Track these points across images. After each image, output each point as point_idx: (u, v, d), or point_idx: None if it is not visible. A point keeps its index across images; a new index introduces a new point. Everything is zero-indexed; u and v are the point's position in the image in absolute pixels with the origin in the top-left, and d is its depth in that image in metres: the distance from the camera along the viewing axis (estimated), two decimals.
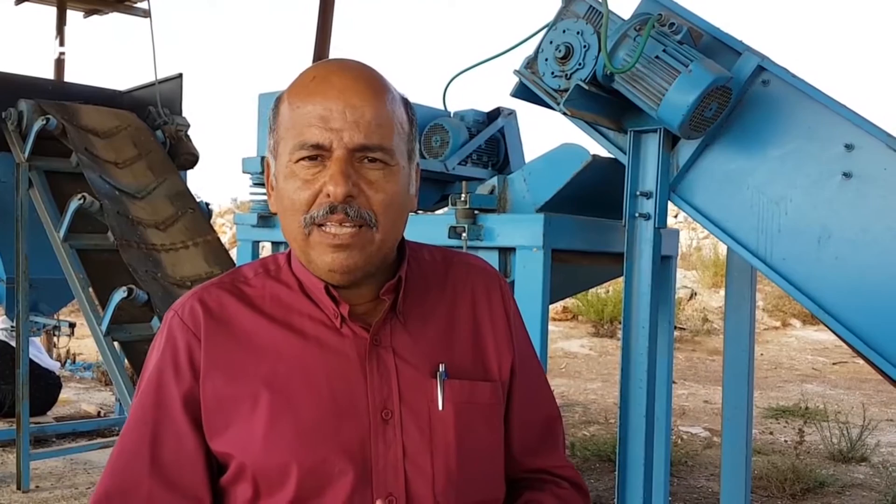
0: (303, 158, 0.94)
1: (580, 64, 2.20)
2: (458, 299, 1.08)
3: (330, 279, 0.98)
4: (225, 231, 14.13)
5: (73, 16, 7.57)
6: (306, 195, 0.94)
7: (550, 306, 2.52)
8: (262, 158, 3.09)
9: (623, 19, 2.17)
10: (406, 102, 1.02)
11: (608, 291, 10.28)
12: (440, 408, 0.99)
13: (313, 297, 1.01)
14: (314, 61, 5.86)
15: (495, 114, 3.41)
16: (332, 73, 0.97)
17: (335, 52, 6.01)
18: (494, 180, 2.57)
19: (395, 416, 0.98)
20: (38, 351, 5.43)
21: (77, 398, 6.44)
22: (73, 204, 3.57)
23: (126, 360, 3.52)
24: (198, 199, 4.15)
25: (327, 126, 0.93)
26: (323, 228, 0.94)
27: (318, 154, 0.94)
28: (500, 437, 1.07)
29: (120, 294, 3.24)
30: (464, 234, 2.46)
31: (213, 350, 0.99)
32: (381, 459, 0.96)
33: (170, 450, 0.98)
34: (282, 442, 0.95)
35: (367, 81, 0.97)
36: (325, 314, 1.01)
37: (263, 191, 3.13)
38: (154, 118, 4.56)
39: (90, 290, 3.56)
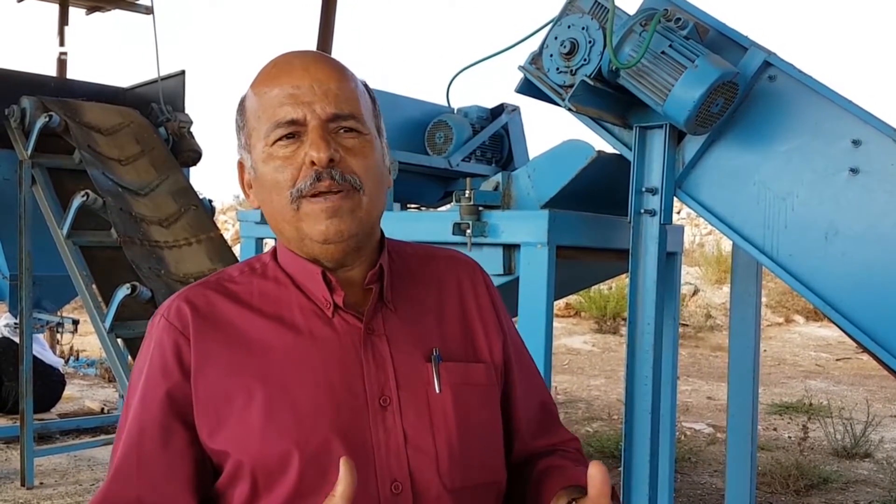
0: (279, 139, 0.96)
1: (585, 59, 2.19)
2: (444, 288, 1.10)
3: (324, 253, 0.98)
4: (228, 228, 14.15)
5: (76, 13, 7.57)
6: (289, 172, 0.96)
7: (554, 303, 2.51)
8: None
9: (628, 14, 2.16)
10: (366, 86, 1.05)
11: (611, 288, 10.28)
12: (437, 391, 1.00)
13: (304, 288, 1.01)
14: None
15: (499, 110, 3.40)
16: (293, 57, 1.00)
17: (338, 49, 6.00)
18: (499, 177, 2.57)
19: (394, 402, 0.98)
20: (41, 348, 5.44)
21: (80, 395, 6.45)
22: (77, 201, 3.57)
23: (129, 357, 3.52)
24: (200, 196, 4.15)
25: (298, 101, 0.95)
26: (312, 199, 0.95)
27: (293, 131, 0.95)
28: (498, 418, 1.07)
29: (123, 291, 3.24)
30: (468, 231, 2.45)
31: (203, 348, 0.98)
32: (382, 446, 0.96)
33: (157, 453, 0.97)
34: (281, 430, 0.94)
35: (328, 60, 1.00)
36: (315, 305, 1.00)
37: None
38: (157, 115, 4.55)
39: (93, 286, 3.57)
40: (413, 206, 3.42)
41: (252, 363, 0.97)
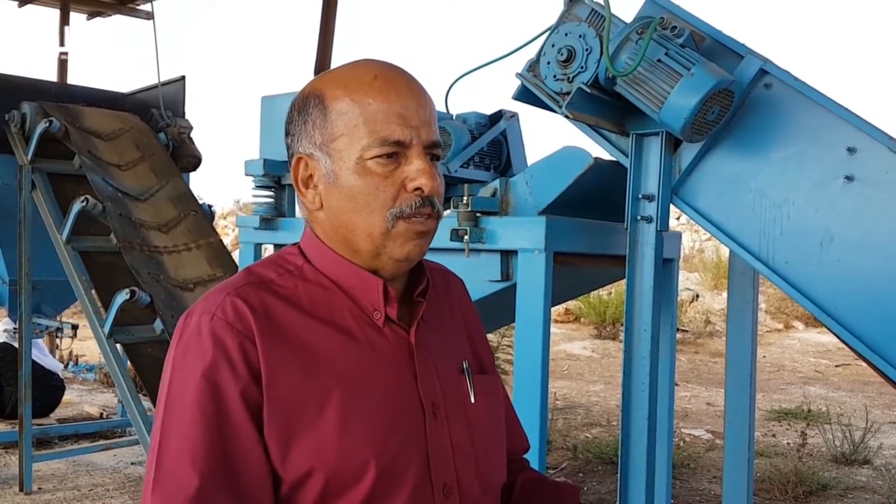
0: (380, 155, 0.96)
1: (582, 67, 2.20)
2: (448, 302, 1.14)
3: (395, 269, 1.01)
4: (227, 233, 14.15)
5: (77, 18, 7.58)
6: (391, 191, 0.96)
7: (552, 308, 2.52)
8: (266, 160, 3.10)
9: (625, 22, 2.17)
10: None
11: (610, 293, 10.28)
12: (473, 400, 1.06)
13: (351, 295, 1.00)
14: (317, 64, 5.86)
15: (497, 116, 3.40)
16: (391, 72, 1.00)
17: (337, 54, 6.01)
18: (496, 183, 2.57)
19: (441, 410, 1.02)
20: (40, 352, 5.44)
21: (79, 400, 6.45)
22: (76, 206, 3.58)
23: (128, 362, 3.53)
24: (200, 202, 4.16)
25: (407, 123, 0.96)
26: (411, 219, 0.97)
27: (396, 151, 0.96)
28: (505, 424, 1.15)
29: (122, 296, 3.25)
30: (466, 237, 2.46)
31: (272, 352, 0.93)
32: (435, 452, 1.00)
33: (244, 464, 0.91)
34: (359, 439, 0.94)
35: (418, 81, 1.02)
36: (364, 313, 1.00)
37: (266, 193, 3.14)
38: (157, 120, 4.57)
39: (93, 291, 3.58)
40: None
41: (321, 368, 0.95)
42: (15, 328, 4.88)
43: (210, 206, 4.32)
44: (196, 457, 0.89)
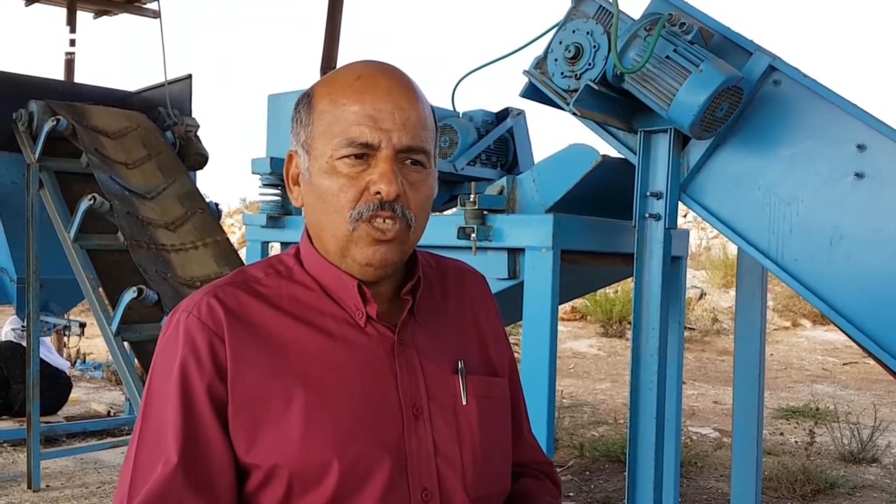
0: (348, 156, 0.96)
1: (590, 64, 2.19)
2: (459, 301, 1.12)
3: (362, 274, 0.99)
4: (234, 231, 14.17)
5: (83, 17, 7.61)
6: (352, 192, 0.96)
7: (559, 306, 2.51)
8: (272, 159, 3.10)
9: (633, 19, 2.17)
10: (432, 108, 1.05)
11: (617, 291, 10.27)
12: (464, 402, 1.02)
13: (334, 296, 1.01)
14: (323, 62, 5.87)
15: (504, 114, 3.40)
16: (377, 73, 0.99)
17: (344, 52, 6.01)
18: (503, 181, 2.57)
19: (425, 411, 0.99)
20: (48, 351, 5.45)
21: (87, 398, 6.47)
22: (84, 204, 3.59)
23: (136, 360, 3.54)
24: (207, 200, 4.16)
25: (377, 126, 0.95)
26: (371, 223, 0.96)
27: (364, 153, 0.96)
28: (510, 430, 1.11)
29: (130, 294, 3.26)
30: (473, 235, 2.46)
31: (240, 349, 0.96)
32: (414, 454, 0.97)
33: (203, 456, 0.93)
34: (322, 439, 0.94)
35: (410, 85, 1.00)
36: (346, 313, 1.01)
37: (273, 191, 3.15)
38: (164, 119, 4.57)
39: (100, 290, 3.58)
40: None
41: (289, 366, 0.96)
42: (23, 326, 4.90)
43: (217, 205, 4.32)
44: (167, 442, 0.93)
